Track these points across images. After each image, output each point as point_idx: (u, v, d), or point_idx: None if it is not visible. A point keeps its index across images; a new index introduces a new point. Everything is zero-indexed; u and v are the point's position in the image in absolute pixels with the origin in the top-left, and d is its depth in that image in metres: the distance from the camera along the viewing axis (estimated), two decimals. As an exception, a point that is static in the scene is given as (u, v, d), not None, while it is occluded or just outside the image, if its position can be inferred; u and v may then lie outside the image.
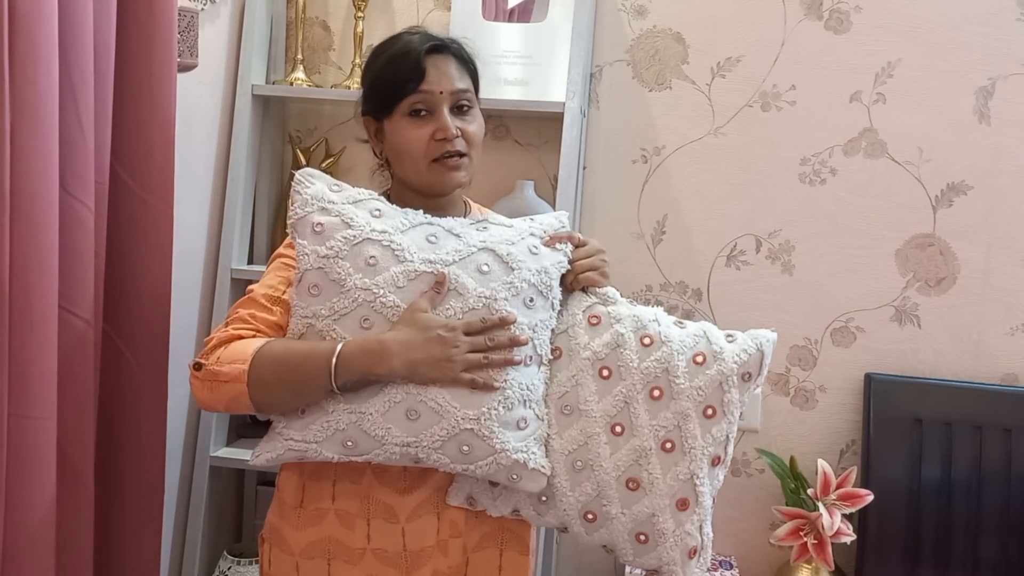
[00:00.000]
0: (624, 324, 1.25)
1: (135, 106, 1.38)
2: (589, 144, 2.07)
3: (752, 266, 2.05)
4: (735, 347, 1.24)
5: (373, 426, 1.15)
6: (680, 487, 1.20)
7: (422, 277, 1.18)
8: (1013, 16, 1.95)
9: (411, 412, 1.15)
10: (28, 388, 1.15)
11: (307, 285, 1.19)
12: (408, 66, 1.28)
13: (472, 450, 1.15)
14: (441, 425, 1.15)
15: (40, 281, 1.15)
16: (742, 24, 2.02)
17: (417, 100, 1.28)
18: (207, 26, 1.83)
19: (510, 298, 1.19)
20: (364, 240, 1.19)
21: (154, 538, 1.50)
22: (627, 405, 1.22)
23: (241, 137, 1.93)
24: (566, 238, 1.30)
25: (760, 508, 2.04)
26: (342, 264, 1.18)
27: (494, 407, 1.16)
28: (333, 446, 1.17)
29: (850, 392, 2.03)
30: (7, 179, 1.09)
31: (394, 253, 1.18)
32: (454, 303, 1.18)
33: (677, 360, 1.22)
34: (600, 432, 1.21)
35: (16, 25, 1.09)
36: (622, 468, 1.20)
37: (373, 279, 1.17)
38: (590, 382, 1.23)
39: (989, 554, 1.89)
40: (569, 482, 1.21)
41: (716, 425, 1.22)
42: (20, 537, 1.16)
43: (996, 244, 1.99)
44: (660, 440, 1.21)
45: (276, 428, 1.20)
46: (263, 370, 1.16)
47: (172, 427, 1.61)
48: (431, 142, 1.28)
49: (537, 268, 1.23)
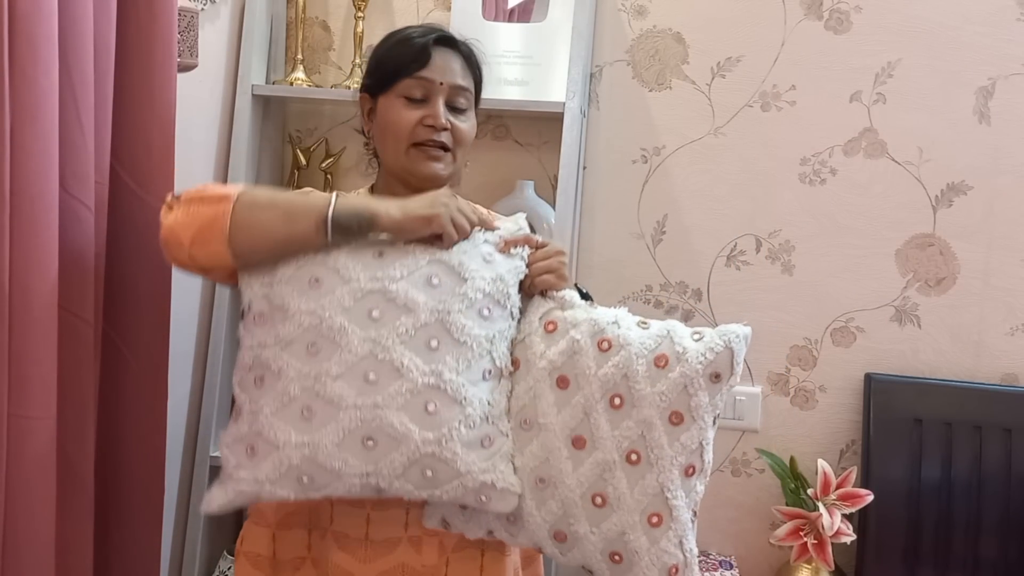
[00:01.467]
0: (580, 329, 1.17)
1: (135, 106, 1.38)
2: (589, 144, 2.07)
3: (752, 266, 2.05)
4: (700, 346, 1.15)
5: (328, 458, 1.08)
6: (650, 501, 1.12)
7: (369, 296, 1.11)
8: (1013, 16, 1.95)
9: (367, 440, 1.08)
10: (28, 388, 1.15)
11: (253, 315, 1.14)
12: (415, 49, 1.28)
13: (436, 474, 1.10)
14: (400, 451, 1.09)
15: (40, 281, 1.15)
16: (742, 24, 2.02)
17: (415, 84, 1.28)
18: (207, 26, 1.83)
19: (464, 309, 1.13)
20: (308, 263, 1.13)
21: (154, 538, 1.50)
22: (587, 416, 1.14)
23: (241, 137, 1.93)
24: (522, 241, 1.23)
25: (760, 508, 2.04)
26: (285, 288, 1.12)
27: (455, 426, 1.10)
28: (288, 484, 1.10)
29: (850, 392, 2.03)
30: (7, 179, 1.09)
31: (339, 273, 1.12)
32: (405, 319, 1.11)
33: (636, 364, 1.13)
34: (561, 446, 1.14)
35: (16, 25, 1.09)
36: (586, 484, 1.13)
37: (318, 302, 1.10)
38: (548, 393, 1.15)
39: (989, 554, 1.89)
40: (534, 501, 1.15)
41: (685, 432, 1.13)
42: (20, 537, 1.16)
43: (996, 244, 1.99)
44: (624, 452, 1.12)
45: (226, 471, 1.14)
46: (258, 193, 1.13)
47: (172, 427, 1.61)
48: (418, 126, 1.28)
49: (492, 276, 1.17)
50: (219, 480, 1.15)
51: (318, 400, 1.09)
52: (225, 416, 1.95)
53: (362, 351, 1.10)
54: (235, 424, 1.16)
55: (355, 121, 2.11)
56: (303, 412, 1.10)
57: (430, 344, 1.12)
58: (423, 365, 1.11)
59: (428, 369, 1.11)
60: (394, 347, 1.10)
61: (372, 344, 1.10)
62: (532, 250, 1.24)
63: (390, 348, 1.10)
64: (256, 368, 1.13)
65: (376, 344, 1.10)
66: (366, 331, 1.10)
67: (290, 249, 1.13)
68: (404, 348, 1.11)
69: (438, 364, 1.11)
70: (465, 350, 1.13)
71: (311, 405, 1.10)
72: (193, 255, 1.12)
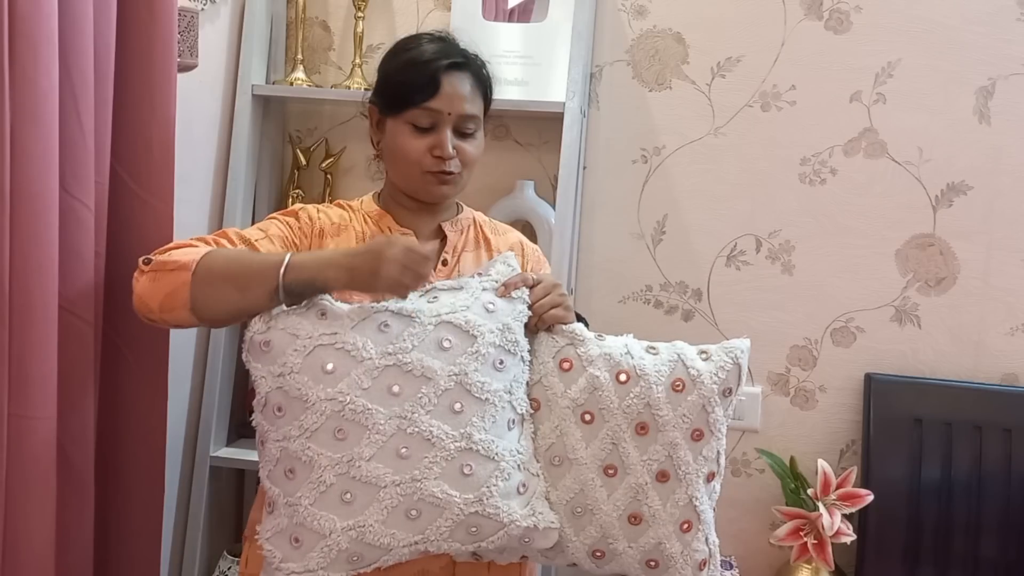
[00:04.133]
0: (597, 365, 1.22)
1: (135, 106, 1.38)
2: (589, 144, 2.07)
3: (752, 266, 2.05)
4: (711, 366, 1.23)
5: (376, 536, 1.10)
6: (681, 512, 1.20)
7: (386, 372, 1.12)
8: (1013, 16, 1.95)
9: (411, 512, 1.11)
10: (28, 388, 1.15)
11: (271, 408, 1.13)
12: (424, 77, 1.28)
13: (481, 529, 1.13)
14: (445, 516, 1.11)
15: (40, 281, 1.15)
16: (742, 24, 2.02)
17: (423, 114, 1.29)
18: (207, 26, 1.83)
19: (480, 367, 1.15)
20: (316, 348, 1.12)
21: (154, 538, 1.50)
22: (615, 446, 1.20)
23: (241, 137, 1.93)
24: (519, 283, 1.25)
25: (760, 508, 2.04)
26: (299, 378, 1.11)
27: (493, 483, 1.13)
28: (339, 566, 1.11)
29: (850, 392, 2.03)
30: (7, 179, 1.09)
31: (349, 354, 1.11)
32: (425, 389, 1.12)
33: (656, 392, 1.20)
34: (594, 477, 1.20)
35: (16, 25, 1.09)
36: (622, 507, 1.20)
37: (336, 387, 1.10)
38: (574, 429, 1.21)
39: (989, 554, 1.89)
40: (572, 528, 1.21)
41: (706, 445, 1.22)
42: (20, 537, 1.16)
43: (996, 244, 1.99)
44: (654, 473, 1.20)
45: (272, 564, 1.13)
46: (214, 262, 1.14)
47: (172, 427, 1.61)
48: (427, 155, 1.29)
49: (499, 327, 1.18)
50: (266, 573, 1.14)
51: (355, 483, 1.11)
52: (225, 416, 1.95)
53: (390, 429, 1.11)
54: (272, 517, 1.15)
55: (355, 121, 2.11)
56: (343, 497, 1.11)
57: (454, 408, 1.14)
58: (452, 431, 1.13)
59: (458, 434, 1.13)
60: (420, 419, 1.12)
61: (399, 420, 1.12)
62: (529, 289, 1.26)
63: (417, 421, 1.12)
64: (285, 461, 1.13)
65: (403, 419, 1.12)
66: (390, 408, 1.12)
67: (249, 314, 1.15)
68: (430, 417, 1.12)
69: (466, 427, 1.13)
70: (488, 407, 1.15)
71: (350, 489, 1.11)
72: (164, 319, 1.16)
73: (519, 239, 1.47)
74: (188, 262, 1.14)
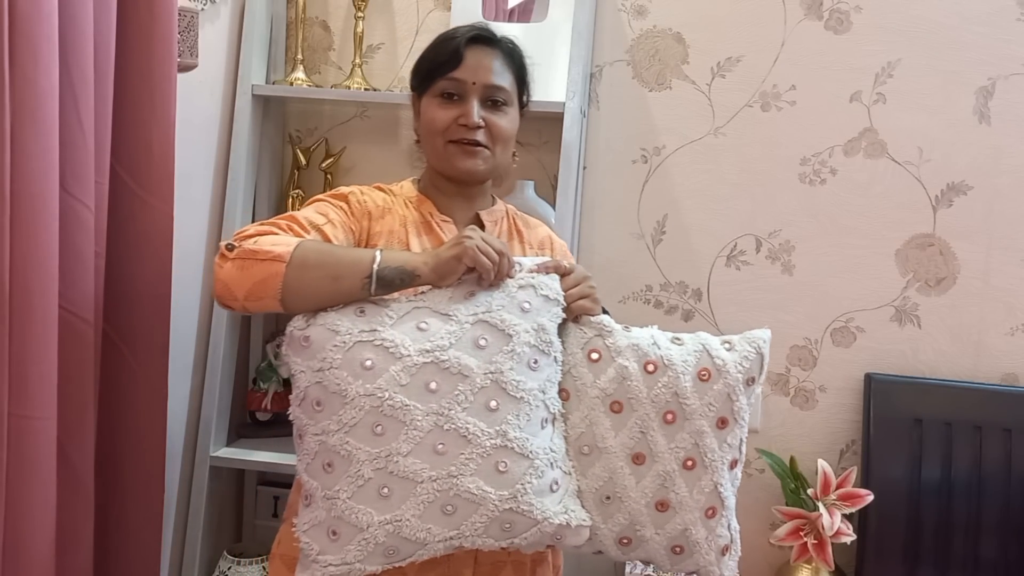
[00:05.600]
0: (625, 356, 1.24)
1: (135, 106, 1.38)
2: (589, 144, 2.07)
3: (752, 266, 2.05)
4: (736, 355, 1.25)
5: (413, 531, 1.12)
6: (706, 498, 1.23)
7: (424, 369, 1.13)
8: (1013, 16, 1.95)
9: (447, 508, 1.12)
10: (28, 388, 1.15)
11: (310, 402, 1.15)
12: (448, 50, 1.32)
13: (514, 526, 1.14)
14: (480, 512, 1.13)
15: (40, 281, 1.15)
16: (742, 24, 2.02)
17: (449, 84, 1.32)
18: (207, 26, 1.83)
19: (515, 366, 1.16)
20: (355, 344, 1.13)
21: (154, 538, 1.50)
22: (644, 435, 1.22)
23: (241, 137, 1.93)
24: (553, 268, 1.26)
25: (760, 508, 2.04)
26: (338, 374, 1.13)
27: (527, 480, 1.14)
28: (376, 559, 1.13)
29: (850, 392, 2.03)
30: (7, 179, 1.09)
31: (388, 351, 1.13)
32: (462, 386, 1.14)
33: (684, 382, 1.22)
34: (623, 465, 1.22)
35: (16, 25, 1.09)
36: (649, 494, 1.21)
37: (374, 383, 1.12)
38: (603, 419, 1.22)
39: (989, 554, 1.89)
40: (601, 516, 1.22)
41: (730, 433, 1.24)
42: (20, 537, 1.16)
43: (996, 244, 1.99)
44: (681, 460, 1.22)
45: (309, 556, 1.14)
46: (307, 253, 1.15)
47: (172, 427, 1.61)
48: (453, 124, 1.32)
49: (534, 327, 1.19)
50: (302, 566, 1.16)
51: (393, 478, 1.12)
52: (225, 416, 1.95)
53: (427, 425, 1.12)
54: (309, 510, 1.16)
55: (354, 121, 2.12)
56: (380, 491, 1.12)
57: (489, 406, 1.15)
58: (487, 428, 1.14)
59: (493, 431, 1.14)
60: (457, 416, 1.13)
61: (436, 416, 1.13)
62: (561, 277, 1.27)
63: (453, 417, 1.13)
64: (323, 455, 1.15)
65: (440, 416, 1.13)
66: (427, 405, 1.13)
67: (337, 302, 1.17)
68: (466, 415, 1.13)
69: (501, 424, 1.14)
70: (523, 405, 1.16)
71: (387, 484, 1.12)
72: (246, 307, 1.17)
73: (548, 233, 1.49)
74: (282, 253, 1.14)
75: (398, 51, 2.10)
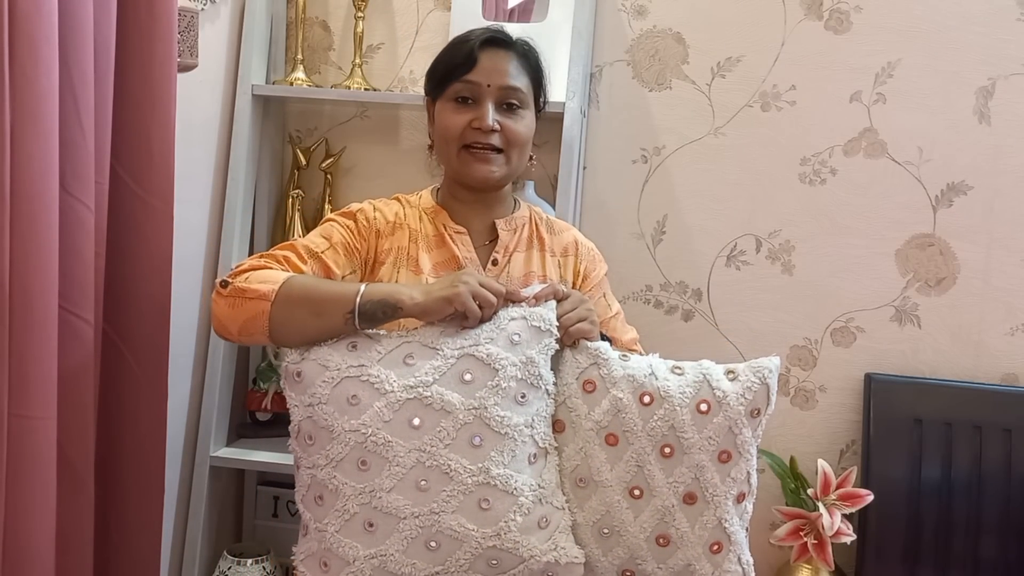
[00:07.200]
0: (620, 387, 1.20)
1: (135, 106, 1.38)
2: (589, 144, 2.07)
3: (752, 266, 2.05)
4: (738, 387, 1.21)
5: (398, 566, 1.13)
6: (710, 534, 1.20)
7: (407, 405, 1.14)
8: (1013, 16, 1.95)
9: (430, 544, 1.13)
10: (28, 388, 1.15)
11: (303, 436, 1.18)
12: (462, 52, 1.31)
13: (501, 563, 1.14)
14: (464, 549, 1.13)
15: (40, 281, 1.15)
16: (742, 24, 2.02)
17: (463, 87, 1.30)
18: (207, 26, 1.83)
19: (500, 401, 1.15)
20: (343, 380, 1.15)
21: (154, 538, 1.50)
22: (640, 468, 1.19)
23: (241, 137, 1.93)
24: (550, 295, 1.25)
25: (760, 508, 2.02)
26: (327, 409, 1.15)
27: (511, 518, 1.13)
28: None
29: (850, 392, 2.03)
30: (7, 179, 1.09)
31: (373, 387, 1.14)
32: (444, 423, 1.14)
33: (681, 415, 1.19)
34: (620, 499, 1.19)
35: (16, 25, 1.09)
36: (649, 529, 1.19)
37: (359, 419, 1.13)
38: (598, 452, 1.20)
39: (989, 554, 1.89)
40: (600, 549, 1.21)
41: (734, 467, 1.20)
42: (20, 537, 1.16)
43: (996, 244, 1.99)
44: (680, 495, 1.19)
45: None
46: (292, 291, 1.17)
47: (172, 427, 1.61)
48: (467, 129, 1.30)
49: (522, 360, 1.17)
50: None
51: (377, 513, 1.14)
52: (225, 416, 1.95)
53: (409, 461, 1.13)
54: (305, 540, 1.21)
55: (354, 121, 2.12)
56: (366, 526, 1.14)
57: (473, 442, 1.14)
58: (470, 465, 1.14)
59: (476, 468, 1.14)
60: (439, 452, 1.13)
61: (418, 453, 1.14)
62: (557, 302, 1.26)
63: (435, 454, 1.13)
64: (314, 488, 1.17)
65: (422, 452, 1.14)
66: (410, 441, 1.14)
67: (325, 337, 1.18)
68: (449, 451, 1.14)
69: (484, 461, 1.14)
70: (508, 441, 1.15)
71: (371, 519, 1.14)
72: (242, 341, 1.22)
73: (574, 238, 1.46)
74: (267, 292, 1.17)
75: (398, 51, 2.10)
